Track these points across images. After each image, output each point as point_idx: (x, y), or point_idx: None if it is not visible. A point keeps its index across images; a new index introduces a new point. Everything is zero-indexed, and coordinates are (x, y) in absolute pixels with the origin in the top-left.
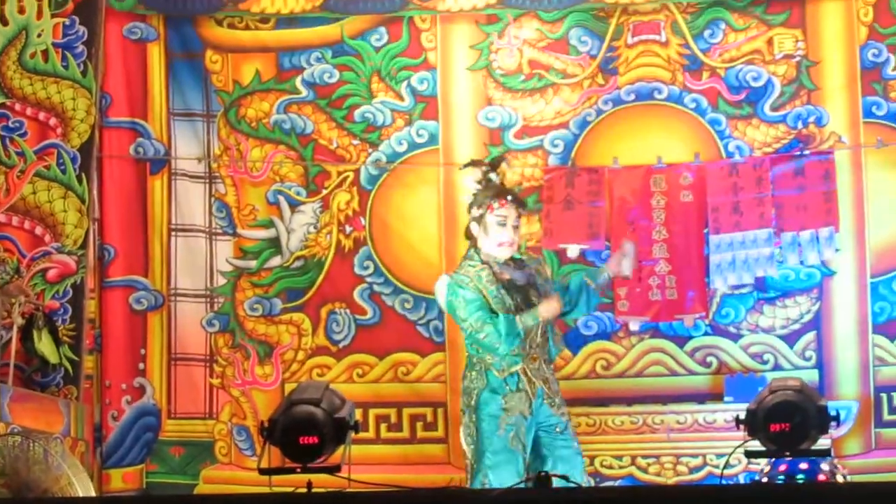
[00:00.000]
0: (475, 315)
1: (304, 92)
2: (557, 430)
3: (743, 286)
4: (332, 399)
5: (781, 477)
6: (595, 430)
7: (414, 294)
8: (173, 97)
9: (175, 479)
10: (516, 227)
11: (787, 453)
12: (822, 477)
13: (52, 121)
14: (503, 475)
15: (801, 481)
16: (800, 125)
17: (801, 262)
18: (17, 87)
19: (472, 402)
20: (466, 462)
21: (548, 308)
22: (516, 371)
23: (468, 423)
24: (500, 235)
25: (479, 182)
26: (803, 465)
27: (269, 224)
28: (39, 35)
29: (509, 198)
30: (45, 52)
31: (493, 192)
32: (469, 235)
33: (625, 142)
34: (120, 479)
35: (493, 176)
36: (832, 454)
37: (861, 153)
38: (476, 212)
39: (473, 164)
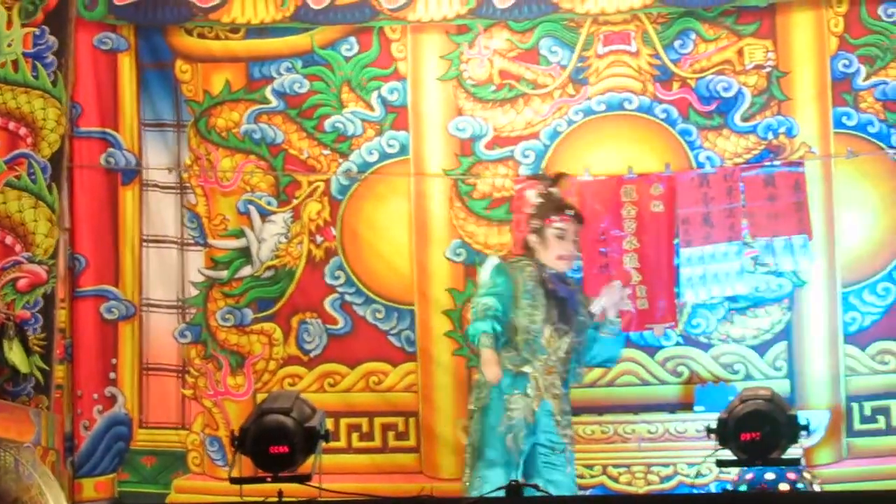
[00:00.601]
0: (484, 300)
1: (274, 102)
2: (556, 450)
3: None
4: (302, 408)
5: (744, 486)
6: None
7: (385, 304)
8: (144, 107)
9: (147, 488)
10: (575, 242)
11: (758, 462)
12: (785, 486)
13: (23, 130)
14: (494, 475)
15: (770, 491)
16: (770, 136)
17: (776, 267)
18: None
19: (482, 395)
20: (466, 457)
21: (488, 372)
22: (527, 375)
23: (473, 419)
24: (559, 248)
25: (541, 196)
26: (769, 476)
27: (240, 234)
28: (10, 45)
29: (570, 212)
30: (16, 63)
31: (554, 205)
32: (526, 247)
33: (595, 152)
34: (92, 489)
35: (553, 190)
36: (803, 463)
37: (831, 164)
38: (536, 224)
39: (536, 178)
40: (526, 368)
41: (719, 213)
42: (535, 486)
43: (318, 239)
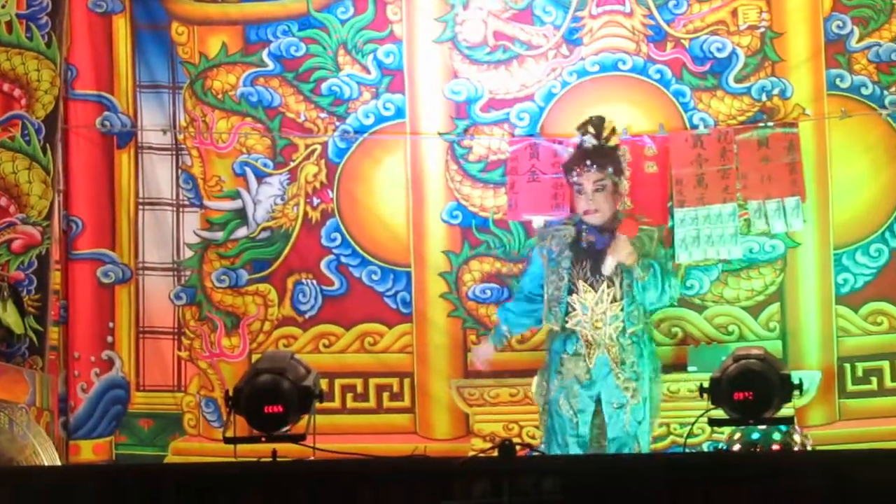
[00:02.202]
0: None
1: (270, 65)
2: (615, 405)
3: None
4: (296, 368)
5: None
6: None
7: (381, 265)
8: (139, 69)
9: (144, 450)
10: (597, 191)
11: (751, 421)
12: (777, 446)
13: (17, 92)
14: (551, 440)
15: (762, 450)
16: (764, 97)
17: (769, 231)
18: None
19: (546, 358)
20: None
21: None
22: (576, 333)
23: (540, 379)
24: (583, 203)
25: (575, 149)
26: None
27: (236, 195)
28: (3, 6)
29: (587, 163)
30: (9, 23)
31: (576, 158)
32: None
33: (590, 113)
34: (90, 451)
35: (586, 138)
36: (795, 421)
37: (825, 125)
38: (565, 179)
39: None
40: (572, 327)
41: (713, 174)
42: (530, 447)
43: (315, 201)
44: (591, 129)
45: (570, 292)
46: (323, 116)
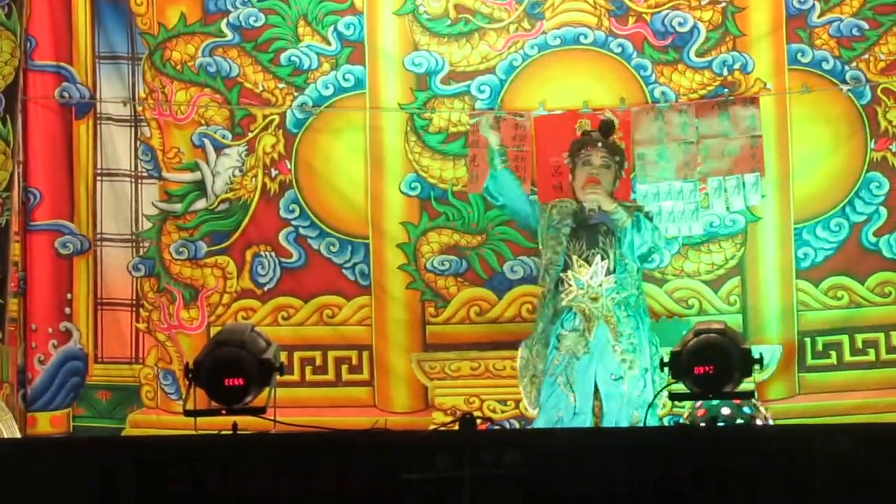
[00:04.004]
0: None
1: (229, 35)
2: (613, 377)
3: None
4: (256, 341)
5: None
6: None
7: (339, 237)
8: (98, 40)
9: (102, 423)
10: (603, 167)
11: (711, 396)
12: (739, 420)
13: None
14: (545, 415)
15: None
16: (725, 71)
17: (727, 208)
18: None
19: (534, 337)
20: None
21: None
22: (572, 308)
23: (526, 352)
24: (584, 174)
25: (582, 135)
26: (725, 411)
27: (195, 167)
28: None
29: (599, 144)
30: None
31: (584, 142)
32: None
33: (551, 87)
34: (47, 423)
35: (594, 132)
36: (756, 396)
37: (786, 100)
38: (570, 162)
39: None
40: (568, 303)
41: (674, 149)
42: (490, 419)
43: (273, 172)
44: (599, 131)
45: (566, 267)
46: (281, 87)
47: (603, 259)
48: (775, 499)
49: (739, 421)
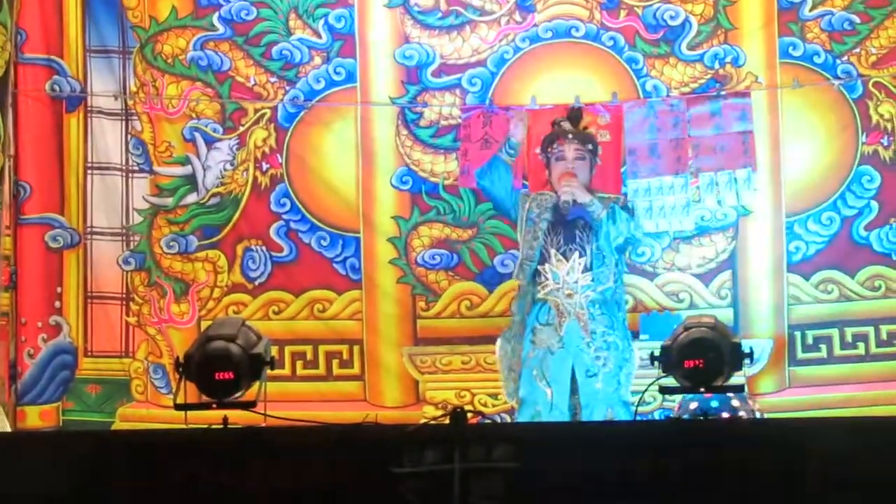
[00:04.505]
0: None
1: (221, 29)
2: (589, 374)
3: None
4: (247, 335)
5: (687, 415)
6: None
7: (331, 231)
8: (89, 33)
9: (91, 416)
10: (578, 159)
11: (702, 389)
12: (727, 415)
13: None
14: (525, 410)
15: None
16: (717, 65)
17: (719, 203)
18: None
19: (512, 329)
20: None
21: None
22: (547, 302)
23: (503, 343)
24: (560, 168)
25: (553, 127)
26: (713, 404)
27: (186, 161)
28: None
29: (570, 136)
30: None
31: (555, 134)
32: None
33: (542, 80)
34: (36, 417)
35: (564, 123)
36: (746, 390)
37: (777, 94)
38: (544, 157)
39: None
40: (544, 296)
41: (666, 144)
42: (481, 413)
43: (264, 166)
44: (568, 119)
45: (543, 261)
46: (273, 81)
47: (581, 256)
48: (766, 492)
49: (725, 415)
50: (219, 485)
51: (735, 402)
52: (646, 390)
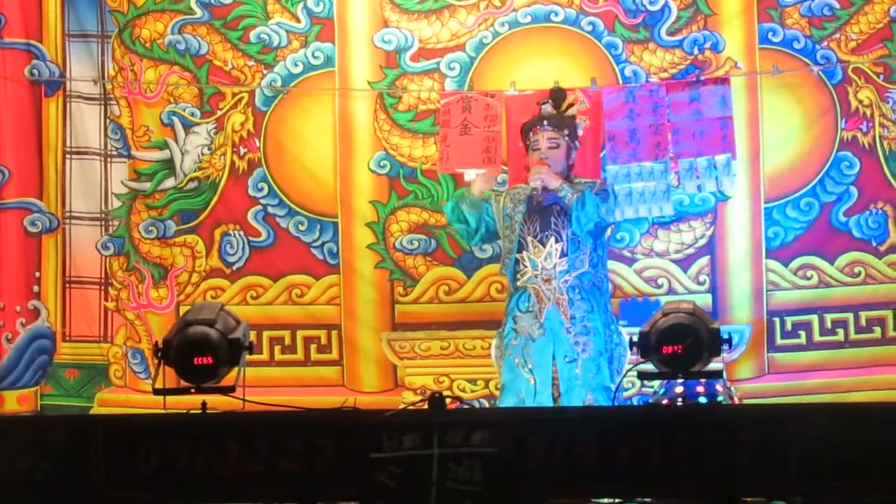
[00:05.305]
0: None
1: (199, 12)
2: (567, 359)
3: None
4: (226, 320)
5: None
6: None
7: (308, 216)
8: (68, 18)
9: (70, 401)
10: (551, 148)
11: (680, 375)
12: (705, 400)
13: None
14: (507, 397)
15: (695, 403)
16: (696, 51)
17: (699, 189)
18: None
19: (503, 319)
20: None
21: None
22: (526, 289)
23: (498, 340)
24: (535, 157)
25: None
26: (700, 389)
27: (164, 145)
28: None
29: (545, 124)
30: None
31: (532, 122)
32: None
33: (521, 65)
34: (14, 401)
35: (545, 107)
36: (725, 376)
37: (757, 80)
38: (524, 143)
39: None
40: (523, 284)
41: (645, 129)
42: (459, 399)
43: (242, 150)
44: (550, 101)
45: (521, 249)
46: (251, 65)
47: (557, 241)
48: (748, 475)
49: (703, 400)
50: (197, 469)
51: (719, 387)
52: (624, 375)
